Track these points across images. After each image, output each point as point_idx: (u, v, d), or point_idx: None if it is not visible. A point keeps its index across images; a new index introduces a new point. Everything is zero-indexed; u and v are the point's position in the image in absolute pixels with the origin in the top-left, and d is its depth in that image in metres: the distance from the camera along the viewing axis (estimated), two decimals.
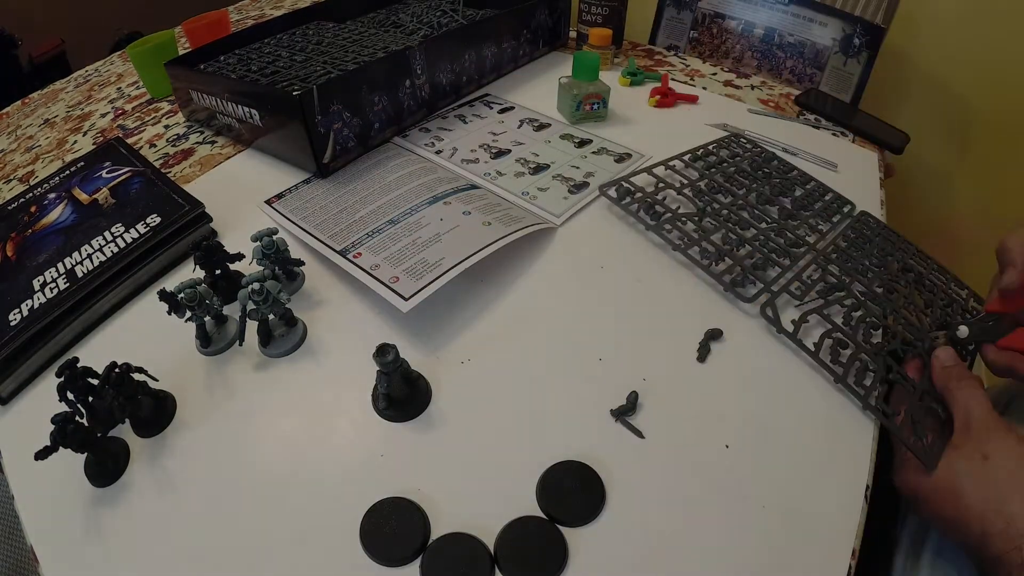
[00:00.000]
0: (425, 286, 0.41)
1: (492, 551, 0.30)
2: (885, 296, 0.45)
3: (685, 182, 0.54)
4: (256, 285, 0.39)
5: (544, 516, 0.32)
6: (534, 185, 0.55)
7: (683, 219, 0.49)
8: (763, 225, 0.50)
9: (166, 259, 0.49)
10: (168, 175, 0.55)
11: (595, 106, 0.64)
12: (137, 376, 0.37)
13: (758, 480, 0.34)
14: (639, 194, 0.52)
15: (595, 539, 0.31)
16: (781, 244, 0.48)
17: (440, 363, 0.41)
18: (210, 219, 0.52)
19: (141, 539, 0.33)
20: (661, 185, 0.53)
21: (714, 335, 0.41)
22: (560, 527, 0.31)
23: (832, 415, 0.37)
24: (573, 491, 0.33)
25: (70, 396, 0.36)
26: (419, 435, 0.37)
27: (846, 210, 0.54)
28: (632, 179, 0.53)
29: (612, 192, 0.52)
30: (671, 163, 0.57)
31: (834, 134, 0.66)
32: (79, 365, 0.36)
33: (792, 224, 0.51)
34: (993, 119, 0.83)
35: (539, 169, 0.58)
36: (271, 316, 0.41)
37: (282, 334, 0.42)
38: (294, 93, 0.53)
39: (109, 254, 0.46)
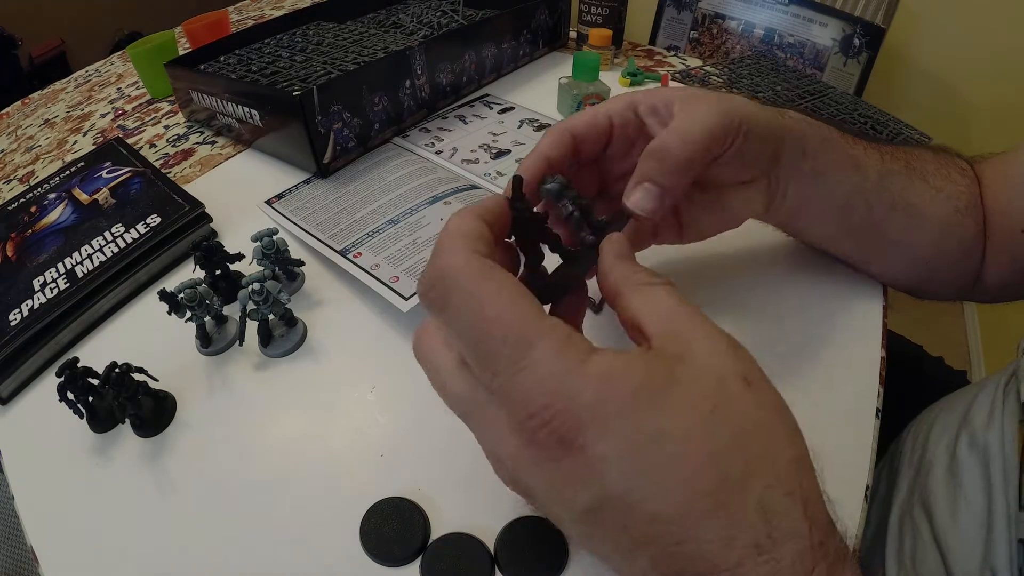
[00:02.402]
0: None
1: (492, 551, 0.30)
2: None
3: None
4: (256, 285, 0.39)
5: (543, 515, 0.32)
6: None
7: None
8: None
9: (166, 259, 0.49)
10: (168, 175, 0.55)
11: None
12: (137, 376, 0.37)
13: None
14: None
15: None
16: None
17: None
18: (210, 219, 0.52)
19: (141, 539, 0.33)
20: None
21: None
22: None
23: (832, 414, 0.37)
24: None
25: (70, 396, 0.36)
26: (419, 435, 0.37)
27: None
28: None
29: None
30: None
31: None
32: (79, 365, 0.36)
33: None
34: (994, 118, 0.83)
35: None
36: (271, 316, 0.41)
37: (282, 334, 0.42)
38: (294, 93, 0.53)
39: (109, 254, 0.46)
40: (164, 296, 0.39)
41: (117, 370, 0.35)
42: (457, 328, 0.21)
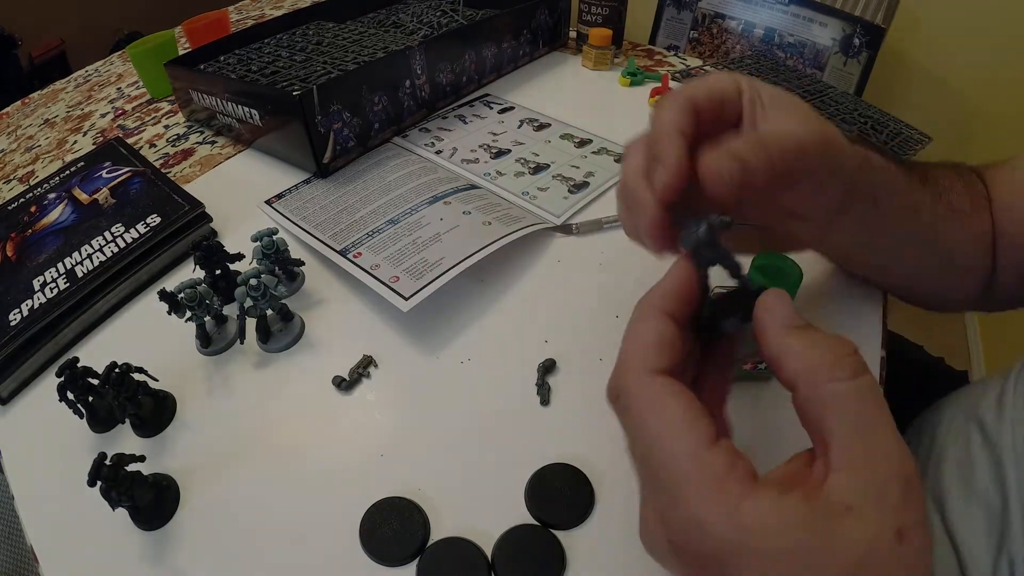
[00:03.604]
0: (425, 286, 0.41)
1: (489, 558, 0.30)
2: None
3: None
4: (253, 280, 0.39)
5: (537, 523, 0.32)
6: (534, 185, 0.55)
7: None
8: None
9: (166, 259, 0.49)
10: (168, 175, 0.55)
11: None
12: (137, 376, 0.37)
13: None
14: None
15: (591, 539, 0.31)
16: None
17: (440, 363, 0.41)
18: (210, 219, 0.52)
19: (141, 539, 0.33)
20: None
21: None
22: (555, 531, 0.31)
23: None
24: (562, 493, 0.32)
25: (70, 396, 0.36)
26: (419, 435, 0.37)
27: None
28: None
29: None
30: None
31: None
32: (79, 365, 0.36)
33: None
34: (994, 118, 0.83)
35: (539, 169, 0.58)
36: (269, 312, 0.41)
37: (280, 329, 0.42)
38: (294, 93, 0.53)
39: (109, 254, 0.46)
40: (164, 296, 0.39)
41: (117, 370, 0.35)
42: (630, 439, 0.23)
